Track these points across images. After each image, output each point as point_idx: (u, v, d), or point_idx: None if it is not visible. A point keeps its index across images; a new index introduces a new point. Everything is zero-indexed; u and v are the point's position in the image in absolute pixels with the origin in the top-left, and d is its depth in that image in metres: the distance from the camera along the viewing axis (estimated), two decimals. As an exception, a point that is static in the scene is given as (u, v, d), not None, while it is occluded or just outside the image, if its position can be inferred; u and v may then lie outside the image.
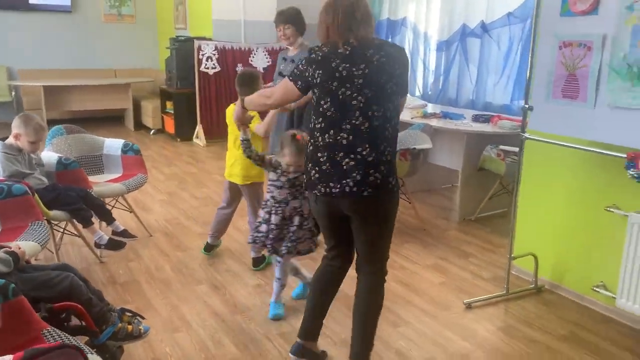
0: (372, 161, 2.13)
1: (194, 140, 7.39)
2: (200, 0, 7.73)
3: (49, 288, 2.14)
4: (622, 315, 2.92)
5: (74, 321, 2.16)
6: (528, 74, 2.96)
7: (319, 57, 2.13)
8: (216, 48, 7.05)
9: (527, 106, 2.96)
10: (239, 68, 7.08)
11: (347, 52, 2.11)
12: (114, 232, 3.47)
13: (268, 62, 7.37)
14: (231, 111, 3.23)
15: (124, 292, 3.15)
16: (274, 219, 2.81)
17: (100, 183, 3.74)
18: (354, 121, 2.11)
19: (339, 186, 2.15)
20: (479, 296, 3.18)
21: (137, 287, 3.22)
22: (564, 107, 2.75)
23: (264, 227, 2.87)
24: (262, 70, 7.27)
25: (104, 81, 8.02)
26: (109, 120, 8.65)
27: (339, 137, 2.13)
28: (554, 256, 3.27)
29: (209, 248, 3.67)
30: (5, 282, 1.84)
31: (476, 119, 4.67)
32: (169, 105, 7.52)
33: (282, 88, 2.28)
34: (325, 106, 2.14)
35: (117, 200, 3.95)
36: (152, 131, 7.94)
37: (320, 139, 2.17)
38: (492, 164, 4.28)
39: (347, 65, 2.10)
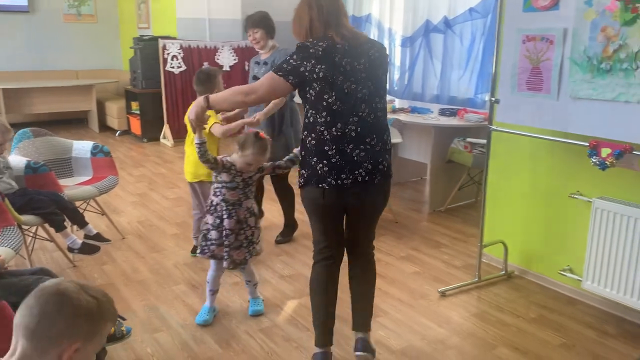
0: (380, 150, 2.26)
1: (161, 140, 7.32)
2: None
3: (28, 293, 2.11)
4: (586, 296, 3.06)
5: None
6: (494, 68, 3.06)
7: (320, 52, 2.14)
8: (181, 47, 6.99)
9: (493, 99, 3.06)
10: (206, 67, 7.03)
11: (346, 47, 2.18)
12: (87, 236, 3.44)
13: (234, 60, 7.35)
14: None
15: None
16: (228, 223, 2.68)
17: (71, 186, 3.69)
18: (361, 113, 2.20)
19: (351, 177, 2.22)
20: (452, 284, 3.28)
21: (113, 290, 3.20)
22: (529, 99, 2.86)
23: (213, 234, 2.71)
24: (227, 69, 7.26)
25: (66, 83, 7.84)
26: (73, 123, 8.47)
27: (347, 130, 2.19)
28: (523, 243, 3.40)
29: (194, 249, 3.68)
30: (-13, 288, 1.82)
31: (443, 112, 4.78)
32: (135, 105, 7.42)
33: (267, 84, 2.22)
34: (329, 100, 2.17)
35: (88, 204, 3.90)
36: (118, 132, 7.83)
37: (325, 132, 2.19)
38: (460, 156, 4.40)
39: (349, 59, 2.17)
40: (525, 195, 3.34)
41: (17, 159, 3.44)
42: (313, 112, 2.22)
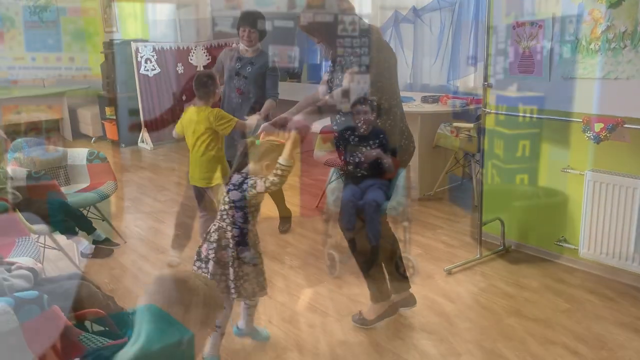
0: None
1: (140, 144, 7.25)
2: (132, 1, 7.56)
3: (67, 298, 2.15)
4: (582, 264, 3.26)
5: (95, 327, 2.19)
6: (485, 54, 3.21)
7: (384, 45, 2.51)
8: (154, 49, 6.93)
9: (486, 83, 3.21)
10: (180, 68, 7.03)
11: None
12: (96, 241, 3.44)
13: (208, 59, 7.33)
14: (192, 115, 3.18)
15: (116, 299, 3.13)
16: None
17: (71, 194, 3.67)
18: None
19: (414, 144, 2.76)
20: (455, 262, 3.43)
21: (127, 292, 3.21)
22: (522, 82, 3.03)
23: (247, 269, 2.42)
24: (201, 69, 7.24)
25: (33, 92, 7.66)
26: (44, 132, 8.28)
27: (401, 105, 2.70)
28: (518, 218, 3.58)
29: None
30: (40, 293, 1.85)
31: (425, 100, 4.93)
32: (109, 111, 7.32)
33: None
34: (395, 84, 2.63)
35: (89, 211, 3.88)
36: (93, 139, 7.70)
37: (398, 112, 2.59)
38: (447, 141, 4.56)
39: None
40: (519, 172, 3.52)
41: (17, 170, 3.41)
42: (387, 97, 2.51)
